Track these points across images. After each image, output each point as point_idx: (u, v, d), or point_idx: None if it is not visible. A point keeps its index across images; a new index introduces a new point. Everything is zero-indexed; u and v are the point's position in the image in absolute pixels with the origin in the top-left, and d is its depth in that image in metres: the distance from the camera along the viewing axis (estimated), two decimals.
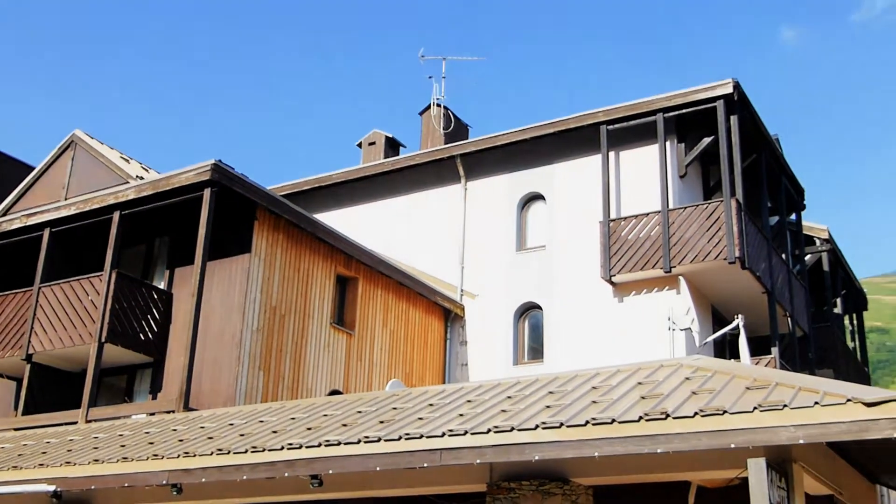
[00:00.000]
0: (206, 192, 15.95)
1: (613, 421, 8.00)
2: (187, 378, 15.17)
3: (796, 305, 22.64)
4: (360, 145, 27.93)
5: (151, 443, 11.73)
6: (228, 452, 10.15)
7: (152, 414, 15.15)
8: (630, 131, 20.71)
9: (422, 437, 8.95)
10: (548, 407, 9.11)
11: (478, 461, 8.56)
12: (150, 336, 16.69)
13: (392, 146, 27.53)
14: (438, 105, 26.81)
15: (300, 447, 9.66)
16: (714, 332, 19.69)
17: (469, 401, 10.35)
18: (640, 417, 7.91)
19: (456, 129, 26.81)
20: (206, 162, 15.89)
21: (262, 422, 11.63)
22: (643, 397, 8.70)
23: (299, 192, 24.93)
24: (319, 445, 9.54)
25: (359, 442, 9.30)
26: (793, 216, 25.28)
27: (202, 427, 12.15)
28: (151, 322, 16.78)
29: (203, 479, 10.23)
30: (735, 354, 18.55)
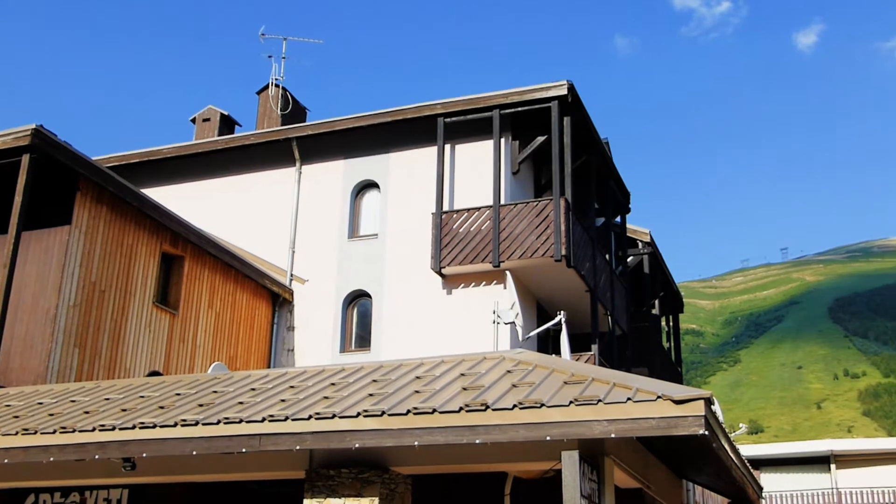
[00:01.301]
0: (25, 159, 15.15)
1: (434, 411, 8.07)
2: None
3: (617, 305, 23.48)
4: (193, 121, 27.21)
5: None
6: (35, 433, 9.70)
7: None
8: (466, 125, 20.95)
9: (241, 421, 8.81)
10: (371, 395, 9.12)
11: (297, 447, 8.50)
12: None
13: (227, 124, 26.94)
14: (277, 85, 26.39)
15: (113, 429, 9.32)
16: (538, 327, 20.16)
17: (292, 387, 10.25)
18: (461, 408, 8.01)
19: (293, 112, 26.47)
20: (27, 126, 15.10)
21: (73, 401, 11.17)
22: (465, 388, 8.81)
23: (127, 164, 24.00)
24: (133, 427, 9.24)
25: (175, 425, 9.06)
26: (618, 218, 26.17)
27: (8, 405, 11.57)
28: None
29: (6, 461, 9.75)
30: (557, 350, 19.06)
